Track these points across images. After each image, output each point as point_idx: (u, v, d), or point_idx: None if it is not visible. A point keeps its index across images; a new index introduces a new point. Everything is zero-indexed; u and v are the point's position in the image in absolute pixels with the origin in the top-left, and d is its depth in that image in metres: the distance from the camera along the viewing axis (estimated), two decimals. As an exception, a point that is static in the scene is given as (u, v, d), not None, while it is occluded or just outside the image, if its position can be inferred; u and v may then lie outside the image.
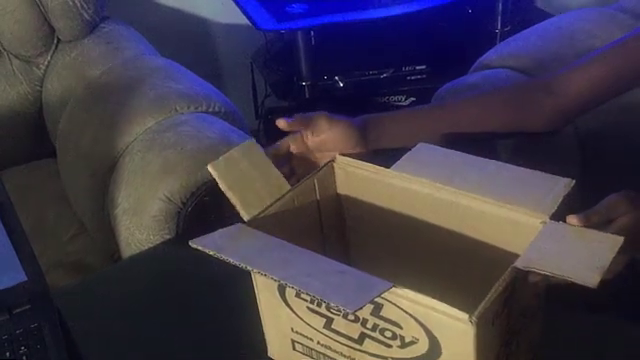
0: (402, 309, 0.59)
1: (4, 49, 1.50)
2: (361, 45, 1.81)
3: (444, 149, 0.78)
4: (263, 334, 0.74)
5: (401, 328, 0.61)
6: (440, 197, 0.72)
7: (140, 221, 1.10)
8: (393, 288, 0.57)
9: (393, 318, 0.60)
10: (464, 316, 0.55)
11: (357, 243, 0.81)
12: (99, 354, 0.82)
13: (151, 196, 1.10)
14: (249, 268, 0.60)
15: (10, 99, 1.52)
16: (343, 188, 0.79)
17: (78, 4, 1.44)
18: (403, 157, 0.77)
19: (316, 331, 0.68)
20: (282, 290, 0.68)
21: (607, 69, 0.86)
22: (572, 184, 0.68)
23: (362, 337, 0.64)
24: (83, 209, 1.30)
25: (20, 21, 1.45)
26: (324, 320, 0.66)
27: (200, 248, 0.61)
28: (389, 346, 0.63)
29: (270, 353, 0.75)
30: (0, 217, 0.82)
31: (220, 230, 0.65)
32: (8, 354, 0.78)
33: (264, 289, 0.70)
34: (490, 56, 1.25)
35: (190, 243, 0.61)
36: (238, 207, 0.69)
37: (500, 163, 0.75)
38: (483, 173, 0.73)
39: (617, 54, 0.87)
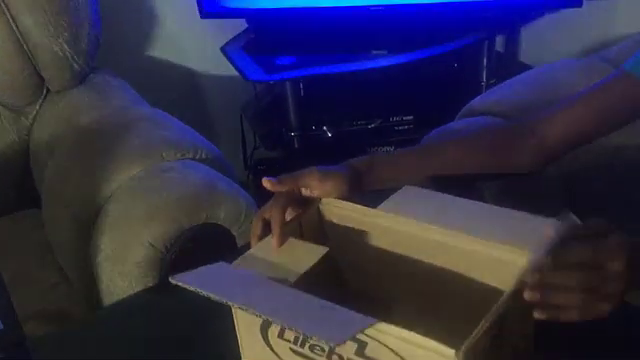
0: (387, 347, 0.57)
1: (-8, 99, 1.51)
2: (349, 96, 1.83)
3: (429, 191, 0.78)
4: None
5: (386, 367, 0.59)
6: (427, 237, 0.71)
7: (122, 268, 1.08)
8: (378, 324, 0.56)
9: (378, 357, 0.59)
10: (450, 352, 0.53)
11: (343, 283, 0.79)
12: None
13: (134, 242, 1.08)
14: (230, 303, 0.58)
15: (-3, 149, 1.51)
16: (329, 229, 0.78)
17: (68, 55, 1.45)
18: (388, 199, 0.77)
19: (300, 374, 0.66)
20: (265, 332, 0.66)
21: (590, 110, 0.87)
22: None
23: (347, 379, 0.62)
24: (66, 257, 1.28)
25: (9, 72, 1.45)
26: (308, 362, 0.64)
27: (180, 284, 0.59)
28: (374, 387, 0.60)
29: (253, 399, 0.72)
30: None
31: (202, 267, 0.63)
32: (-20, 404, 0.75)
33: (247, 333, 0.69)
34: (475, 103, 1.27)
35: (170, 279, 0.60)
36: None
37: (485, 204, 0.75)
38: (469, 214, 0.73)
39: (600, 96, 0.87)
